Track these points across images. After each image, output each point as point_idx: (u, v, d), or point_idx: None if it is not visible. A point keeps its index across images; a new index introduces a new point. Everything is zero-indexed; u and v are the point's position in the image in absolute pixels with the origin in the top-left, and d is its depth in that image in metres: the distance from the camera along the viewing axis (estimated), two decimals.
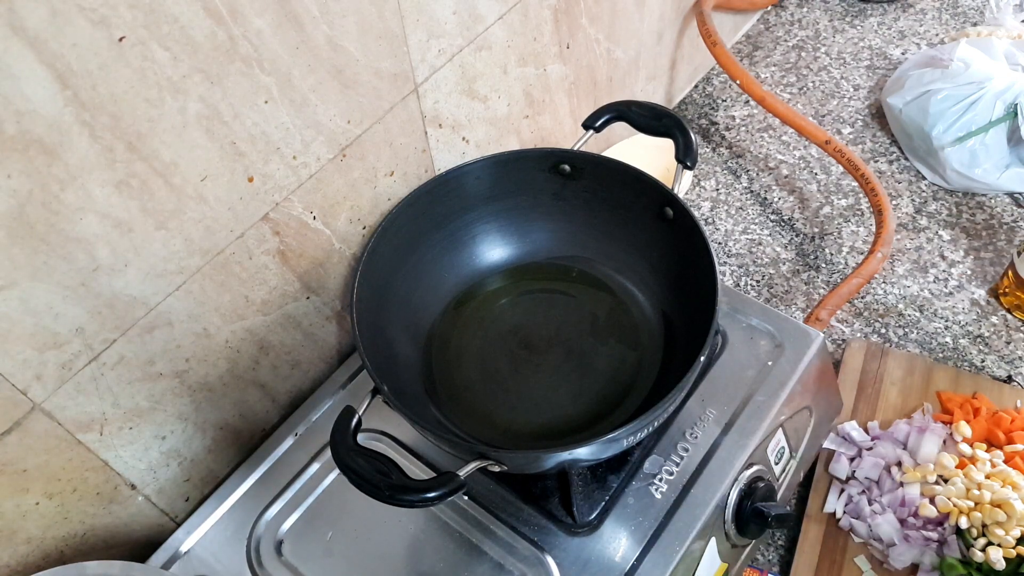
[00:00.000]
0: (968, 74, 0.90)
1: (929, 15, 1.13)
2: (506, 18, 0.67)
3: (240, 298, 0.57)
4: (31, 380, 0.46)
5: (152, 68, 0.43)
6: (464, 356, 0.63)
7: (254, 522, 0.58)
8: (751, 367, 0.61)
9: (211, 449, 0.61)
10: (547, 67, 0.76)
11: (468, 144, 0.72)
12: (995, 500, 0.61)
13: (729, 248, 0.90)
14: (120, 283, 0.48)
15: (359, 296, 0.55)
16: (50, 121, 0.40)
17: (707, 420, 0.59)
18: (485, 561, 0.54)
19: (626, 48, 0.88)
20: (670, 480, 0.56)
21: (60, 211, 0.43)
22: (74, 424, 0.50)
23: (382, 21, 0.55)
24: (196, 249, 0.51)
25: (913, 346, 0.79)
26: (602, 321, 0.63)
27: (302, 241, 0.59)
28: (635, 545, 0.53)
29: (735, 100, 1.07)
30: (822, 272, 0.86)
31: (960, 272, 0.84)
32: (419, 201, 0.61)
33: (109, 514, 0.56)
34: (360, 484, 0.44)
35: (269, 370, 0.63)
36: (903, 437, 0.69)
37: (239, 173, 0.51)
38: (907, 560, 0.63)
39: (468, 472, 0.46)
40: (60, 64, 0.39)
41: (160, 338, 0.52)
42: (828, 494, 0.68)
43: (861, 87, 1.05)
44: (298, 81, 0.52)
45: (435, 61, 0.62)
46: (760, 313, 0.64)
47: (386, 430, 0.61)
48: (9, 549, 0.51)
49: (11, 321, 0.44)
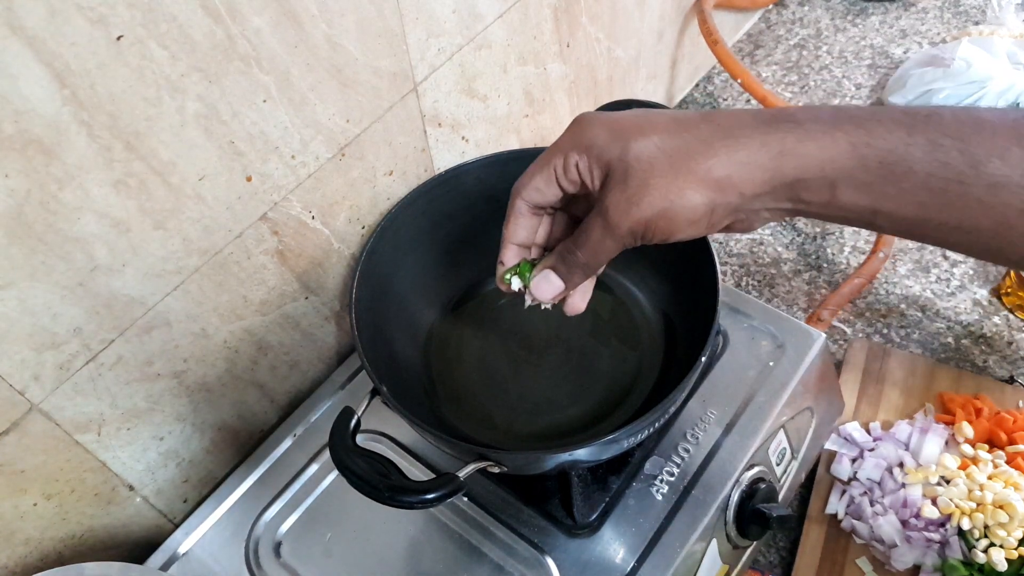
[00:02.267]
0: (970, 73, 0.89)
1: (931, 14, 1.13)
2: (506, 17, 0.67)
3: (238, 298, 0.57)
4: (29, 380, 0.46)
5: (150, 67, 0.43)
6: (464, 356, 0.63)
7: (252, 523, 0.58)
8: (752, 368, 0.61)
9: (209, 450, 0.61)
10: (547, 66, 0.76)
11: (468, 143, 0.71)
12: (997, 501, 0.61)
13: (730, 248, 0.90)
14: (118, 283, 0.48)
15: (358, 296, 0.55)
16: (48, 120, 0.40)
17: (708, 421, 0.58)
18: (485, 563, 0.54)
19: (626, 47, 0.88)
20: (671, 481, 0.56)
21: (58, 211, 0.43)
22: (72, 425, 0.50)
23: (381, 19, 0.55)
24: (194, 249, 0.51)
25: (915, 346, 0.79)
26: (602, 321, 0.63)
27: (301, 241, 0.59)
28: (636, 547, 0.53)
29: (736, 99, 1.07)
30: (824, 272, 0.86)
31: (962, 272, 0.84)
32: (418, 201, 0.61)
33: (107, 515, 0.56)
34: (359, 485, 0.44)
35: (268, 370, 0.63)
36: (905, 438, 0.68)
37: (237, 172, 0.51)
38: (909, 561, 0.63)
39: (468, 473, 0.46)
40: (58, 63, 0.39)
41: (158, 338, 0.52)
42: (830, 495, 0.68)
43: (863, 86, 1.05)
44: (297, 80, 0.51)
45: (434, 60, 0.62)
46: (761, 313, 0.64)
47: (385, 431, 0.61)
48: (7, 550, 0.51)
49: (9, 321, 0.44)
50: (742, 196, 0.36)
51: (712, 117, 0.37)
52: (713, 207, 0.36)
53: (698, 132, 0.36)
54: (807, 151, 0.34)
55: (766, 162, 0.35)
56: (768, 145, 0.35)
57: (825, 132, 0.34)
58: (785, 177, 0.35)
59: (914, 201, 0.34)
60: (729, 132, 0.36)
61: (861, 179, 0.34)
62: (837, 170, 0.34)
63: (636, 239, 0.38)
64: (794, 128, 0.35)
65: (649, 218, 0.37)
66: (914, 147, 0.33)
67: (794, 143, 0.35)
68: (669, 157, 0.36)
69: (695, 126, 0.36)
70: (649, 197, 0.36)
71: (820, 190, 0.35)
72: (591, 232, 0.39)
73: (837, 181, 0.35)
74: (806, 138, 0.34)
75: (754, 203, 0.37)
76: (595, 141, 0.38)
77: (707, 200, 0.36)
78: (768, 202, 0.37)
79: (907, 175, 0.34)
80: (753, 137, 0.35)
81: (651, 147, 0.36)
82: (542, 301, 0.44)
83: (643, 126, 0.37)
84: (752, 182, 0.36)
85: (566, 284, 0.43)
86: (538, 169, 0.41)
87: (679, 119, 0.37)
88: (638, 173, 0.36)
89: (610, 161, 0.37)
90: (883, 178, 0.34)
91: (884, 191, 0.34)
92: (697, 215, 0.37)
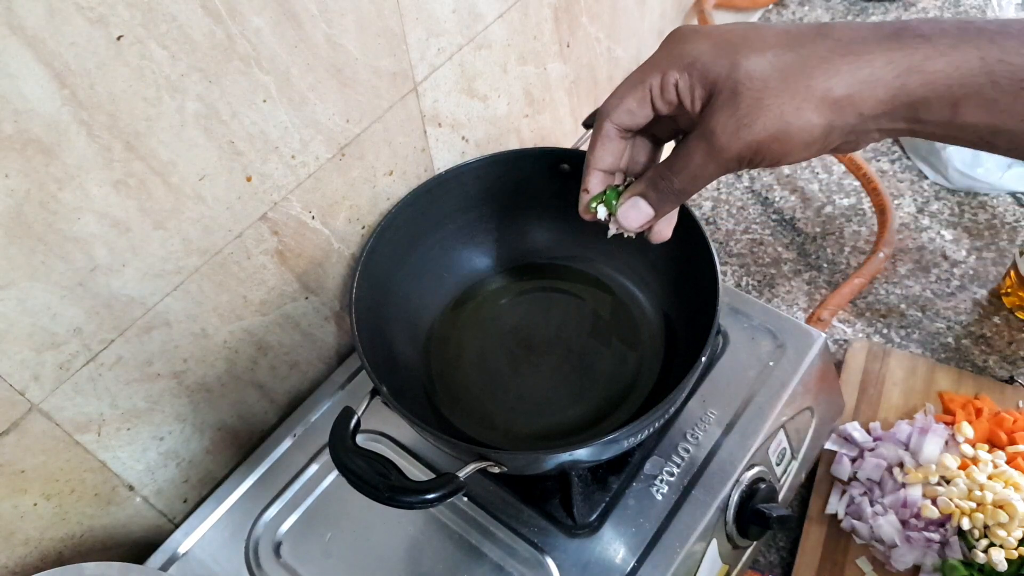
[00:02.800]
0: None
1: (931, 14, 1.13)
2: (506, 16, 0.67)
3: (238, 298, 0.57)
4: (29, 380, 0.46)
5: (150, 67, 0.43)
6: (464, 356, 0.63)
7: (252, 523, 0.58)
8: (752, 368, 0.61)
9: (209, 450, 0.61)
10: (547, 66, 0.76)
11: (468, 143, 0.71)
12: (997, 501, 0.61)
13: (730, 248, 0.90)
14: (118, 283, 0.48)
15: (358, 296, 0.55)
16: (48, 120, 0.40)
17: (708, 421, 0.58)
18: (485, 563, 0.54)
19: (627, 47, 0.88)
20: (671, 481, 0.56)
21: (58, 211, 0.43)
22: (72, 425, 0.50)
23: (381, 19, 0.55)
24: (194, 249, 0.51)
25: (915, 346, 0.79)
26: (603, 321, 0.63)
27: (301, 241, 0.59)
28: (636, 547, 0.53)
29: None
30: (824, 272, 0.86)
31: (962, 272, 0.84)
32: (418, 200, 0.61)
33: (107, 515, 0.56)
34: (359, 485, 0.44)
35: (267, 371, 0.63)
36: (905, 438, 0.68)
37: (237, 172, 0.51)
38: (909, 561, 0.63)
39: (468, 473, 0.46)
40: (58, 63, 0.39)
41: (158, 338, 0.52)
42: (830, 495, 0.68)
43: None
44: (296, 80, 0.51)
45: (434, 60, 0.62)
46: (761, 313, 0.64)
47: (385, 431, 0.61)
48: (7, 550, 0.51)
49: (9, 321, 0.44)
50: (861, 116, 0.34)
51: (829, 30, 0.34)
52: (831, 128, 0.35)
53: (815, 47, 0.33)
54: (936, 67, 0.32)
55: (891, 80, 0.33)
56: (895, 62, 0.33)
57: (954, 47, 0.32)
58: (910, 96, 0.33)
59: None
60: (850, 47, 0.33)
61: (989, 96, 0.32)
62: (965, 87, 0.32)
63: (743, 164, 0.36)
64: (921, 43, 0.32)
65: (762, 140, 0.35)
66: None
67: (922, 59, 0.32)
68: (784, 74, 0.33)
69: (812, 40, 0.34)
70: (763, 118, 0.34)
71: (942, 108, 0.33)
72: (692, 156, 0.37)
73: (963, 99, 0.33)
74: (935, 54, 0.32)
75: (869, 123, 0.35)
76: (699, 57, 0.35)
77: (826, 121, 0.34)
78: (884, 122, 0.35)
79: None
80: (876, 53, 0.33)
81: (764, 64, 0.34)
82: (628, 230, 0.42)
83: (753, 40, 0.34)
84: (875, 101, 0.34)
85: (656, 212, 0.41)
86: (630, 89, 0.37)
87: (792, 33, 0.34)
88: (750, 92, 0.34)
89: (716, 79, 0.35)
90: (1013, 95, 0.32)
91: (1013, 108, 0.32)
92: (814, 136, 0.35)
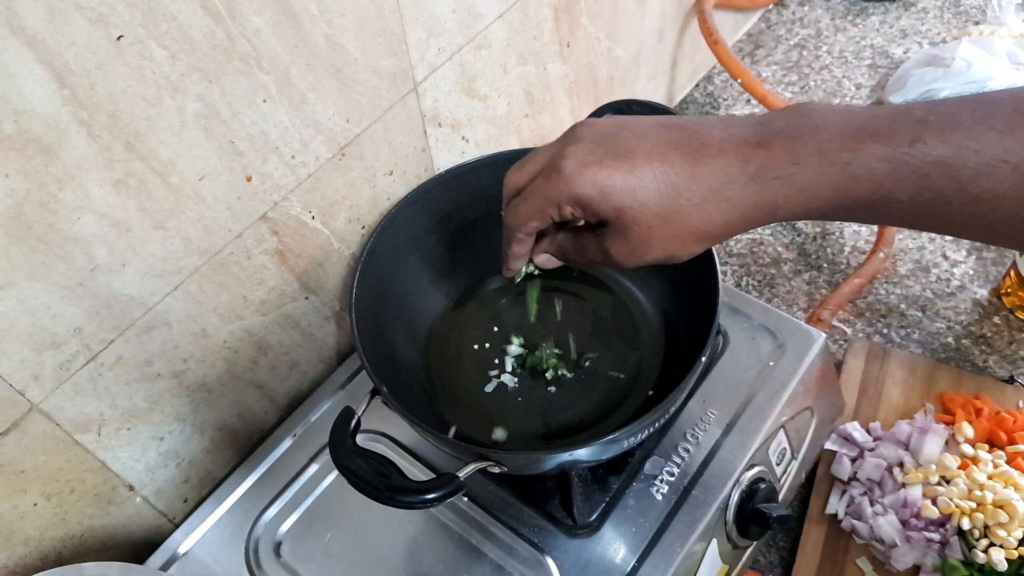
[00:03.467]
0: (970, 73, 0.89)
1: (931, 14, 1.13)
2: (506, 16, 0.67)
3: (238, 298, 0.57)
4: (29, 380, 0.46)
5: (150, 67, 0.43)
6: (464, 356, 0.63)
7: (252, 523, 0.58)
8: (752, 368, 0.61)
9: (209, 450, 0.61)
10: (547, 66, 0.76)
11: (468, 143, 0.71)
12: (997, 501, 0.61)
13: (730, 248, 0.90)
14: (118, 283, 0.48)
15: (358, 296, 0.55)
16: (48, 120, 0.40)
17: (708, 421, 0.58)
18: (485, 563, 0.54)
19: (627, 46, 0.88)
20: (671, 481, 0.56)
21: (58, 211, 0.43)
22: (72, 425, 0.50)
23: (381, 19, 0.55)
24: (194, 249, 0.51)
25: (915, 346, 0.79)
26: (603, 321, 0.63)
27: (301, 241, 0.59)
28: (636, 547, 0.53)
29: (736, 99, 1.07)
30: (824, 272, 0.86)
31: (962, 272, 0.84)
32: (418, 200, 0.61)
33: (107, 515, 0.56)
34: (359, 485, 0.44)
35: (267, 370, 0.63)
36: (905, 438, 0.68)
37: (237, 172, 0.51)
38: (909, 561, 0.63)
39: (468, 473, 0.46)
40: (58, 63, 0.39)
41: (158, 338, 0.52)
42: (830, 495, 0.68)
43: (863, 86, 1.05)
44: (297, 80, 0.51)
45: (434, 60, 0.62)
46: (761, 313, 0.64)
47: (385, 431, 0.61)
48: (7, 550, 0.51)
49: (9, 321, 0.44)
50: (735, 233, 0.41)
51: (700, 176, 0.38)
52: (711, 245, 0.43)
53: (690, 195, 0.38)
54: (797, 203, 0.38)
55: (759, 217, 0.39)
56: (761, 205, 0.38)
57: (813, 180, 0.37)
58: (775, 218, 0.39)
59: (900, 219, 0.37)
60: (720, 193, 0.38)
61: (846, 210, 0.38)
62: (824, 211, 0.38)
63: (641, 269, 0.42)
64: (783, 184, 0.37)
65: (654, 262, 0.42)
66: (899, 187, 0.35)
67: (784, 200, 0.38)
68: (665, 221, 0.39)
69: (687, 188, 0.39)
70: (653, 252, 0.41)
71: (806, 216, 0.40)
72: (594, 257, 0.43)
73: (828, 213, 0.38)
74: (796, 192, 0.37)
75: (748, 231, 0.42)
76: (588, 201, 0.40)
77: (706, 245, 0.41)
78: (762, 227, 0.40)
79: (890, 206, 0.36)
80: (744, 198, 0.38)
81: (647, 213, 0.39)
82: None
83: (634, 189, 0.39)
84: (746, 224, 0.40)
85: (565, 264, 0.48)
86: (534, 213, 0.43)
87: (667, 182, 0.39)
88: (637, 232, 0.40)
89: (607, 218, 0.40)
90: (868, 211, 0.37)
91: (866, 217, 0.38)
92: (696, 254, 0.42)
